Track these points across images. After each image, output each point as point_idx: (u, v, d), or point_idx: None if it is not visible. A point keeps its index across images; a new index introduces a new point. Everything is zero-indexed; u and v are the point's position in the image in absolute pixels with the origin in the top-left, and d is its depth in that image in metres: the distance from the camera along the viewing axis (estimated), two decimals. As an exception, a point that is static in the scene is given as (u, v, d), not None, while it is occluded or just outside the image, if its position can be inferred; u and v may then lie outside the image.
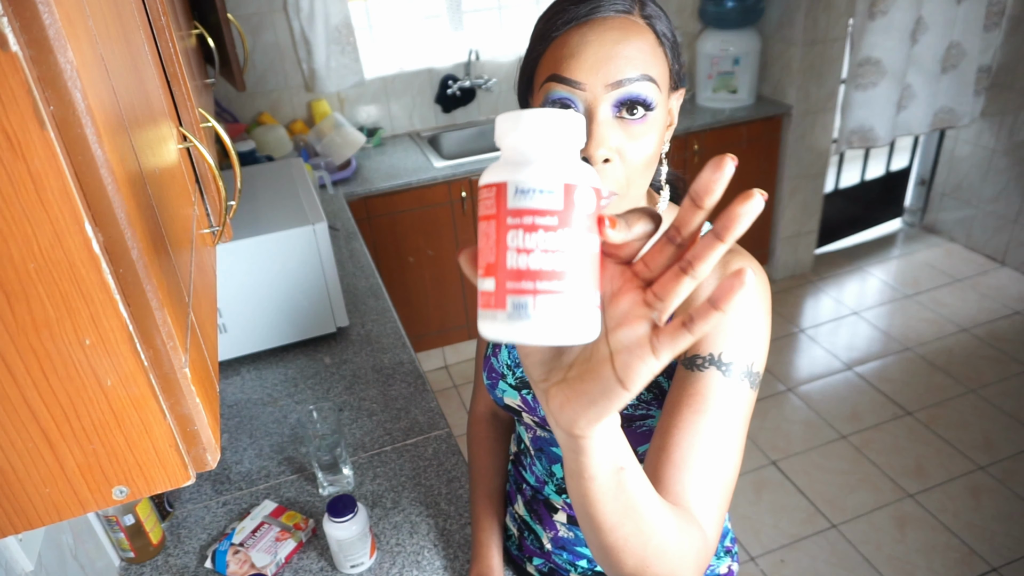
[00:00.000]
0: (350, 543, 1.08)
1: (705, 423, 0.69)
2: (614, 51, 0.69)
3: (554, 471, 0.96)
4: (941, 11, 2.93)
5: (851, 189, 3.70)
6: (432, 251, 2.78)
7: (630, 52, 0.70)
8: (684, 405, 0.70)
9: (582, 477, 0.49)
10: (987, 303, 3.22)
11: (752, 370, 0.73)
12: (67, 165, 0.37)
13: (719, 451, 0.68)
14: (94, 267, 0.39)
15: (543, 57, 0.74)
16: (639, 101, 0.70)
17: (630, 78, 0.69)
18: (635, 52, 0.70)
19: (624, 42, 0.70)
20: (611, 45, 0.70)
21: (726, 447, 0.69)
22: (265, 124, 2.79)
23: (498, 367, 0.95)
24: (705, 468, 0.67)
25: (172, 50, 0.83)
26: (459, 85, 3.05)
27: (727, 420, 0.69)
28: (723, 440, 0.69)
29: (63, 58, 0.36)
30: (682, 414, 0.70)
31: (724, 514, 0.68)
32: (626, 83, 0.69)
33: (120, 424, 0.45)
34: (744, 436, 0.71)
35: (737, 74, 3.08)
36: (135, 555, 1.16)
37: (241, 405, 1.53)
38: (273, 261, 1.56)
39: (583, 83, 0.70)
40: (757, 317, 0.75)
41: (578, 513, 0.54)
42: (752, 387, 0.73)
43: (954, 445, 2.48)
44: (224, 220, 0.89)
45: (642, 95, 0.70)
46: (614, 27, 0.70)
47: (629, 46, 0.70)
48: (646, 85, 0.70)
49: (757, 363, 0.74)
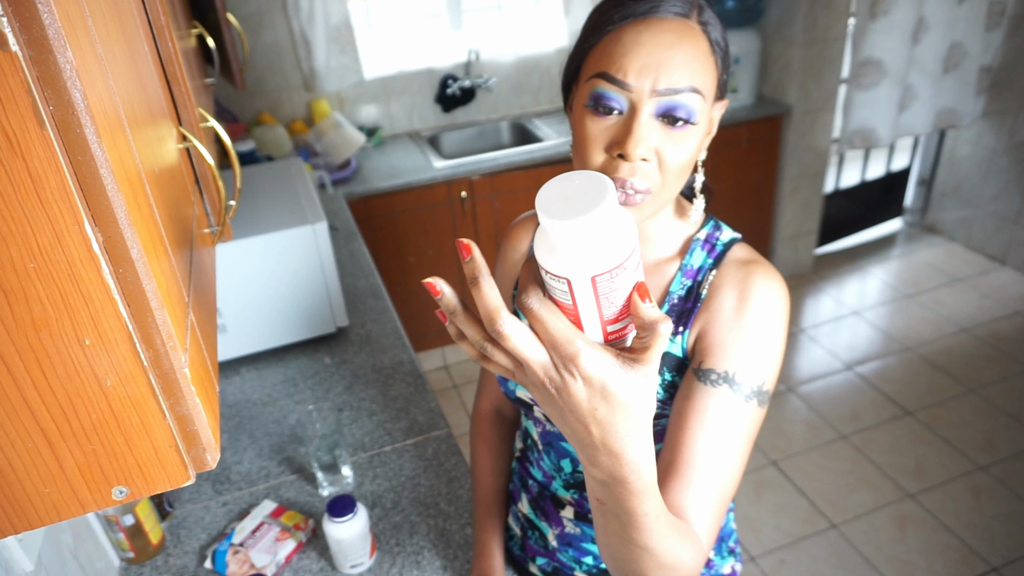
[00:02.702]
0: (350, 543, 1.08)
1: (712, 442, 0.71)
2: (665, 56, 0.69)
3: (563, 466, 0.96)
4: (943, 11, 2.93)
5: (851, 189, 3.70)
6: (432, 251, 2.78)
7: (681, 59, 0.69)
8: (694, 421, 0.72)
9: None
10: (987, 303, 3.22)
11: (762, 389, 0.75)
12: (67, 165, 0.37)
13: (722, 469, 0.71)
14: (94, 267, 0.39)
15: (594, 49, 0.73)
16: (682, 112, 0.70)
17: (677, 88, 0.69)
18: (686, 59, 0.69)
19: (677, 47, 0.69)
20: (664, 49, 0.69)
21: (729, 465, 0.71)
22: (265, 124, 2.79)
23: None
24: (708, 485, 0.70)
25: (172, 50, 0.83)
26: (459, 85, 3.05)
27: (733, 439, 0.72)
28: (727, 458, 0.71)
29: (63, 58, 0.36)
30: (691, 431, 0.72)
31: (719, 525, 0.71)
32: (671, 93, 0.69)
33: (120, 424, 0.44)
34: (748, 452, 0.74)
35: (737, 74, 3.07)
36: (135, 555, 1.16)
37: (241, 405, 1.53)
38: (273, 261, 1.56)
39: (630, 85, 0.69)
40: (774, 334, 0.76)
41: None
42: (760, 405, 0.75)
43: (954, 445, 2.48)
44: (224, 220, 0.89)
45: (686, 107, 0.70)
46: (670, 30, 0.69)
47: (681, 52, 0.69)
48: (691, 97, 0.69)
49: (768, 382, 0.75)
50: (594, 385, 0.45)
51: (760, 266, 0.79)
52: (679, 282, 0.82)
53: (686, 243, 0.84)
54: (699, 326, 0.79)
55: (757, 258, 0.82)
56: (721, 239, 0.84)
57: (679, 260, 0.84)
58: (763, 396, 0.75)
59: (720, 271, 0.80)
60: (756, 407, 0.74)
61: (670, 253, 0.85)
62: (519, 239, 0.99)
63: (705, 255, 0.83)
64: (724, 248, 0.83)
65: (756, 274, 0.78)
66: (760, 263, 0.80)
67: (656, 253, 0.85)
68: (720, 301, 0.78)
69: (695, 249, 0.83)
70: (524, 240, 0.99)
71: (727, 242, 0.83)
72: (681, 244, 0.84)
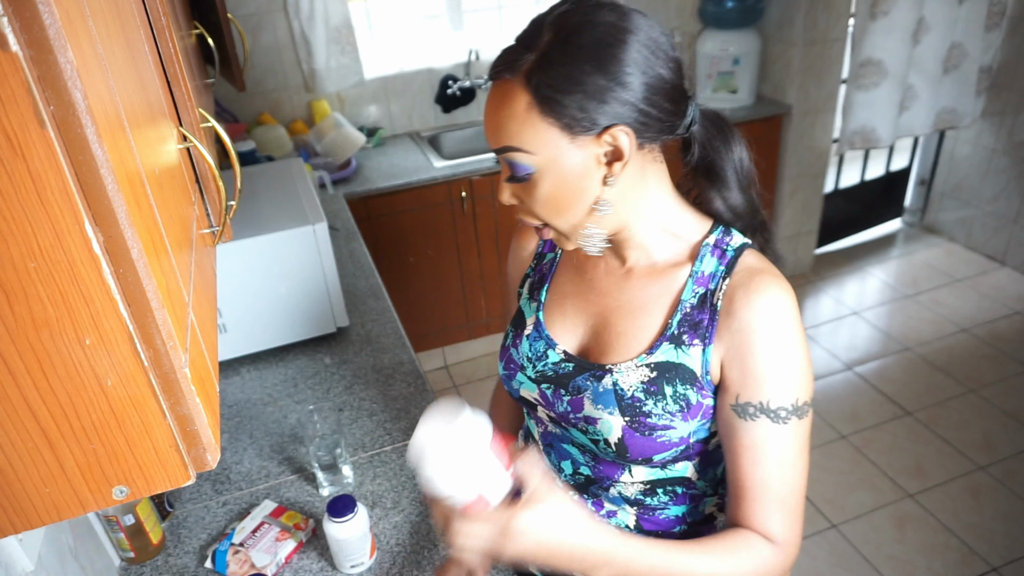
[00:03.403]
0: (350, 543, 1.08)
1: (764, 469, 0.78)
2: (489, 120, 0.77)
3: (562, 467, 0.96)
4: (942, 11, 2.93)
5: (851, 189, 3.70)
6: (432, 251, 2.78)
7: (495, 121, 0.76)
8: (743, 457, 0.80)
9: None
10: (987, 303, 3.22)
11: (798, 404, 0.78)
12: (67, 165, 0.37)
13: (781, 485, 0.79)
14: (94, 267, 0.39)
15: None
16: (516, 169, 0.77)
17: (497, 148, 0.77)
18: (500, 121, 0.76)
19: (492, 111, 0.77)
20: (489, 112, 0.77)
21: (787, 478, 0.79)
22: (265, 124, 2.79)
23: (517, 358, 0.95)
24: (771, 503, 0.79)
25: (172, 50, 0.83)
26: (459, 85, 3.05)
27: (783, 457, 0.78)
28: (783, 475, 0.79)
29: (63, 58, 0.36)
30: (744, 465, 0.80)
31: (797, 518, 0.80)
32: (499, 152, 0.77)
33: (120, 424, 0.45)
34: (803, 457, 0.80)
35: (737, 74, 3.08)
36: (135, 555, 1.16)
37: (241, 405, 1.53)
38: (273, 261, 1.56)
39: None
40: (793, 349, 0.78)
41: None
42: (801, 417, 0.79)
43: (954, 445, 2.48)
44: (224, 220, 0.89)
45: (513, 163, 0.76)
46: (494, 94, 0.77)
47: (495, 115, 0.76)
48: (512, 155, 0.76)
49: (803, 395, 0.79)
50: (516, 537, 0.70)
51: (769, 277, 0.79)
52: (691, 289, 0.83)
53: (695, 248, 0.84)
54: (722, 349, 0.80)
55: (767, 267, 0.82)
56: (732, 245, 0.84)
57: (689, 265, 0.84)
58: (801, 410, 0.79)
59: (733, 281, 0.80)
60: (797, 422, 0.78)
61: (677, 258, 0.85)
62: (526, 239, 1.03)
63: (716, 261, 0.83)
64: (735, 254, 0.83)
65: (767, 289, 0.78)
66: (769, 273, 0.80)
67: (658, 257, 0.85)
68: (739, 323, 0.78)
69: (705, 255, 0.83)
70: (530, 240, 1.02)
71: (738, 248, 0.83)
72: (689, 249, 0.85)
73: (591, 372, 0.86)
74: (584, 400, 0.86)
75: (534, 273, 1.00)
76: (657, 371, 0.82)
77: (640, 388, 0.82)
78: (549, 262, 0.98)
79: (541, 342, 0.93)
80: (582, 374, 0.87)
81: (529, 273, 1.00)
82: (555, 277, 0.96)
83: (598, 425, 0.84)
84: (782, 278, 0.81)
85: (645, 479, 0.88)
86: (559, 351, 0.91)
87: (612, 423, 0.83)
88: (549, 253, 0.99)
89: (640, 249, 0.85)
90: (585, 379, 0.86)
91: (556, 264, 0.97)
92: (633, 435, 0.82)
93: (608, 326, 0.88)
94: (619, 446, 0.83)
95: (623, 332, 0.86)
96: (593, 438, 0.86)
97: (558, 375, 0.90)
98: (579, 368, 0.88)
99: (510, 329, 0.98)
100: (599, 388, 0.84)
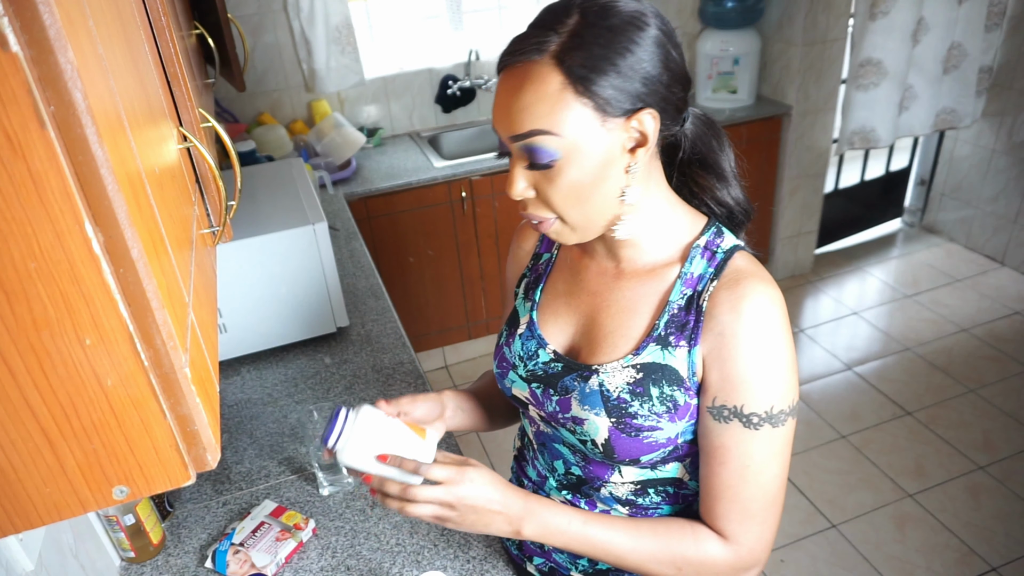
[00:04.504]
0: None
1: (732, 473, 0.80)
2: (510, 103, 0.74)
3: (556, 467, 0.96)
4: (942, 11, 2.93)
5: (851, 189, 3.70)
6: (432, 251, 2.78)
7: (520, 104, 0.73)
8: (713, 458, 0.81)
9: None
10: (987, 303, 3.22)
11: (773, 412, 0.78)
12: (67, 165, 0.37)
13: (745, 487, 0.79)
14: (94, 267, 0.39)
15: None
16: (540, 156, 0.73)
17: (520, 134, 0.73)
18: (527, 103, 0.72)
19: (516, 93, 0.73)
20: (508, 97, 0.74)
21: (752, 481, 0.79)
22: (265, 124, 2.79)
23: (510, 357, 0.95)
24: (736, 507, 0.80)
25: (172, 50, 0.83)
26: (459, 85, 3.05)
27: (750, 463, 0.79)
28: (748, 478, 0.79)
29: (63, 58, 0.36)
30: (713, 468, 0.81)
31: (764, 527, 0.81)
32: (521, 138, 0.74)
33: (120, 424, 0.45)
34: (776, 465, 0.80)
35: (737, 74, 3.08)
36: (135, 555, 1.16)
37: (241, 405, 1.53)
38: (273, 261, 1.57)
39: (499, 133, 0.76)
40: (774, 356, 0.77)
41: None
42: (776, 425, 0.78)
43: (954, 445, 2.49)
44: (224, 220, 0.89)
45: (540, 149, 0.73)
46: (515, 76, 0.73)
47: (520, 98, 0.73)
48: (540, 139, 0.73)
49: (780, 403, 0.78)
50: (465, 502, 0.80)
51: (756, 281, 0.79)
52: (679, 291, 0.82)
53: (686, 249, 0.84)
54: (705, 350, 0.80)
55: (754, 270, 0.81)
56: (722, 247, 0.83)
57: (679, 266, 0.83)
58: (776, 418, 0.78)
59: (719, 284, 0.80)
60: (770, 429, 0.78)
61: (668, 259, 0.85)
62: (525, 238, 1.03)
63: (705, 263, 0.82)
64: (725, 257, 0.82)
65: (752, 293, 0.78)
66: (757, 277, 0.79)
67: (650, 258, 0.85)
68: (721, 325, 0.78)
69: (695, 256, 0.83)
70: (529, 240, 1.03)
71: (728, 250, 0.83)
72: (680, 250, 0.84)
73: (578, 373, 0.86)
74: (572, 400, 0.86)
75: (530, 273, 1.00)
76: (643, 372, 0.82)
77: (626, 389, 0.82)
78: (545, 262, 0.98)
79: (533, 341, 0.93)
80: (570, 374, 0.87)
81: (526, 273, 1.01)
82: (550, 277, 0.97)
83: (585, 426, 0.84)
84: (771, 282, 0.80)
85: (635, 479, 0.88)
86: (549, 351, 0.91)
87: (599, 424, 0.83)
88: (546, 253, 0.99)
89: (635, 248, 0.85)
90: (572, 379, 0.87)
91: (552, 264, 0.98)
92: (619, 436, 0.82)
93: (597, 326, 0.88)
94: (606, 447, 0.83)
95: (611, 332, 0.86)
96: (581, 438, 0.86)
97: (547, 375, 0.90)
98: (567, 368, 0.88)
99: (505, 328, 0.99)
100: (585, 389, 0.84)
